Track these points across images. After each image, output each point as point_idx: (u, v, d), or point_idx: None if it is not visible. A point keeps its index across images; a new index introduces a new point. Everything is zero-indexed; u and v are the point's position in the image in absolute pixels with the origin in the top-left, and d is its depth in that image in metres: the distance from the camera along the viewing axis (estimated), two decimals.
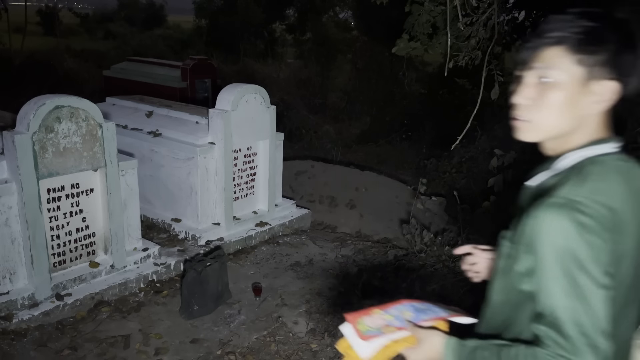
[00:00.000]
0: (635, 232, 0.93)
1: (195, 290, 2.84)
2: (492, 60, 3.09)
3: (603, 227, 0.85)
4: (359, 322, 1.10)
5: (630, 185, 0.93)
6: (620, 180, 0.92)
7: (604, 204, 0.87)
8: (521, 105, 0.98)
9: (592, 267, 0.84)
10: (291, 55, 16.28)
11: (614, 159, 0.95)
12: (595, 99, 0.93)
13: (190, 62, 8.45)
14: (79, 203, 2.89)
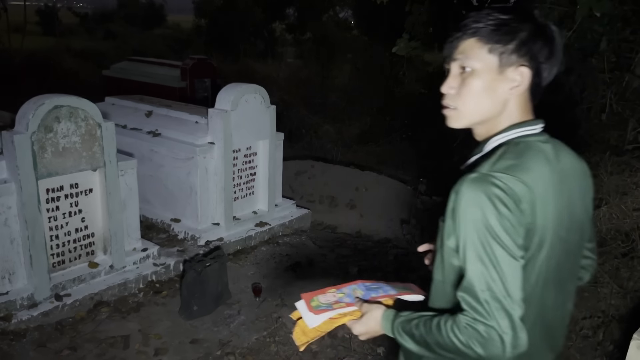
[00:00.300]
0: (556, 207, 0.99)
1: (195, 291, 2.83)
2: None
3: (515, 200, 0.92)
4: (313, 299, 1.24)
5: (551, 163, 1.00)
6: (539, 158, 0.99)
7: (519, 179, 0.93)
8: (448, 94, 1.09)
9: (503, 236, 0.91)
10: (291, 54, 16.27)
11: (534, 140, 1.02)
12: (511, 84, 1.01)
13: (190, 62, 8.45)
14: (78, 203, 2.88)
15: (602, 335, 2.62)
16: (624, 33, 4.04)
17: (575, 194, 1.07)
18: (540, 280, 1.01)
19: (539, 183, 0.96)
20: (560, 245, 1.02)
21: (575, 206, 1.07)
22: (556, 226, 1.00)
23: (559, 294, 1.07)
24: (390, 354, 2.66)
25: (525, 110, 1.05)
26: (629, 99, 4.05)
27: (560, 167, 1.03)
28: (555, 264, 1.03)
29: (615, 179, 3.28)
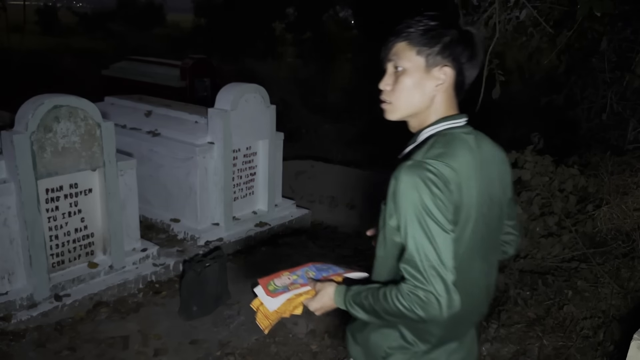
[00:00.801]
0: (478, 188, 1.15)
1: (195, 291, 2.82)
2: (493, 60, 3.07)
3: (445, 182, 1.07)
4: (269, 283, 1.34)
5: (473, 151, 1.16)
6: (463, 147, 1.15)
7: (447, 164, 1.09)
8: (384, 91, 1.23)
9: (436, 213, 1.06)
10: (291, 54, 16.27)
11: (459, 131, 1.18)
12: (436, 82, 1.16)
13: (190, 62, 8.43)
14: (78, 203, 2.87)
15: (603, 336, 2.62)
16: (624, 33, 4.04)
17: (495, 177, 1.23)
18: (467, 252, 1.16)
19: (463, 168, 1.12)
20: (483, 221, 1.19)
21: (494, 188, 1.23)
22: (479, 204, 1.17)
23: (484, 264, 1.24)
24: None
25: (451, 106, 1.20)
26: (629, 98, 4.05)
27: (481, 155, 1.19)
28: (480, 238, 1.19)
29: (615, 178, 3.28)
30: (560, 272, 2.99)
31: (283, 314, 1.33)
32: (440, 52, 1.14)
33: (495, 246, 1.29)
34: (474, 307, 1.25)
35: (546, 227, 3.11)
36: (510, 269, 3.01)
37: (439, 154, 1.10)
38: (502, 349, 2.68)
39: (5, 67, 10.87)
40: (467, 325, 1.29)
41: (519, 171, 3.17)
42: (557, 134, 5.06)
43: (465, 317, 1.21)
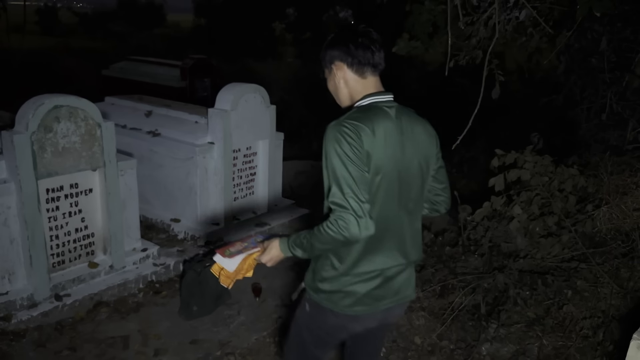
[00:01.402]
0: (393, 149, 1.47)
1: (195, 291, 2.83)
2: (492, 60, 3.07)
3: (357, 134, 1.40)
4: (225, 251, 1.66)
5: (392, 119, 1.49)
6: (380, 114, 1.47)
7: (360, 122, 1.42)
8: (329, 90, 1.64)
9: (352, 156, 1.38)
10: (291, 54, 16.27)
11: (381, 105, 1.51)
12: (340, 76, 1.56)
13: (190, 62, 8.44)
14: (78, 203, 2.88)
15: (602, 335, 2.62)
16: (624, 33, 4.04)
17: (416, 145, 1.54)
18: (383, 196, 1.47)
19: (379, 128, 1.44)
20: (398, 176, 1.49)
21: (415, 153, 1.53)
22: (394, 160, 1.47)
23: (404, 211, 1.55)
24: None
25: (367, 87, 1.54)
26: (629, 99, 4.05)
27: (401, 124, 1.51)
28: (397, 188, 1.50)
29: (615, 179, 3.28)
30: (560, 272, 2.99)
31: (239, 274, 1.64)
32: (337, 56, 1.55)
33: (417, 200, 1.59)
34: (395, 246, 1.55)
35: (546, 227, 3.11)
36: (510, 269, 3.01)
37: (355, 117, 1.45)
38: (502, 348, 2.69)
39: (5, 67, 10.88)
40: (390, 258, 1.55)
41: (519, 171, 3.17)
42: (557, 134, 5.07)
43: (386, 251, 1.53)
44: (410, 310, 2.96)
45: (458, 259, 3.34)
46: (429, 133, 1.59)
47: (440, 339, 2.77)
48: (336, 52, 1.53)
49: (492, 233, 3.25)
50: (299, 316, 1.70)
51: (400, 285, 1.60)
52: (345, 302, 1.53)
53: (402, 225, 1.55)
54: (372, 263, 1.52)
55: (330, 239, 1.39)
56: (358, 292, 1.53)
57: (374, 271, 1.52)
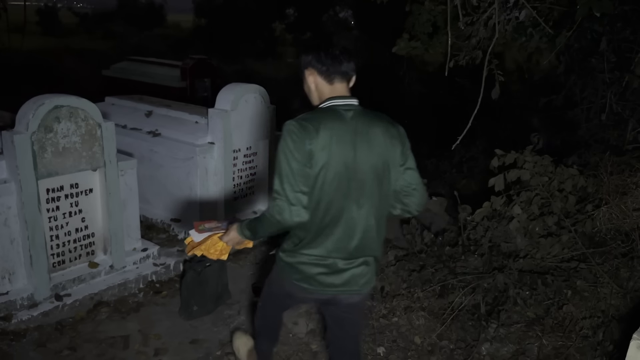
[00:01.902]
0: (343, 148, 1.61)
1: (195, 291, 2.83)
2: (492, 60, 3.07)
3: (301, 133, 1.57)
4: (200, 225, 1.93)
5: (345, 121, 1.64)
6: (333, 116, 1.64)
7: (306, 122, 1.59)
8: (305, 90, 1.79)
9: (294, 151, 1.57)
10: (291, 54, 16.27)
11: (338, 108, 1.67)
12: (311, 80, 1.73)
13: (190, 62, 8.45)
14: (78, 203, 2.88)
15: (602, 335, 2.62)
16: (624, 33, 4.04)
17: (372, 147, 1.66)
18: (326, 188, 1.62)
19: (325, 128, 1.59)
20: (348, 175, 1.63)
21: (370, 155, 1.65)
22: (341, 159, 1.61)
23: (353, 207, 1.67)
24: None
25: (333, 92, 1.70)
26: (629, 99, 4.05)
27: (356, 126, 1.64)
28: (344, 184, 1.63)
29: (615, 179, 3.28)
30: (560, 272, 2.99)
31: (208, 251, 1.89)
32: (303, 67, 1.74)
33: (372, 198, 1.69)
34: (346, 238, 1.69)
35: (545, 227, 3.11)
36: (510, 269, 3.02)
37: (304, 117, 1.62)
38: (502, 348, 2.69)
39: (6, 67, 10.88)
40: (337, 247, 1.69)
41: (519, 171, 3.17)
42: (557, 134, 5.07)
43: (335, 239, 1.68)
44: (410, 310, 2.96)
45: (458, 258, 3.34)
46: (391, 135, 1.69)
47: (440, 339, 2.77)
48: (310, 58, 1.71)
49: (492, 233, 3.25)
50: (270, 276, 1.95)
51: (351, 277, 1.73)
52: (295, 275, 1.75)
53: (351, 219, 1.68)
54: (319, 248, 1.69)
55: (268, 223, 1.65)
56: (305, 272, 1.72)
57: (320, 256, 1.70)
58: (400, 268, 3.34)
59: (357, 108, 1.68)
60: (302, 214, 1.60)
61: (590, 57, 4.28)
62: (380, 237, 1.77)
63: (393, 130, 1.71)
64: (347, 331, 1.96)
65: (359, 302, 1.86)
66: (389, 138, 1.68)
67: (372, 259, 1.76)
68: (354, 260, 1.72)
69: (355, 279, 1.74)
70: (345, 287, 1.74)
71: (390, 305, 3.02)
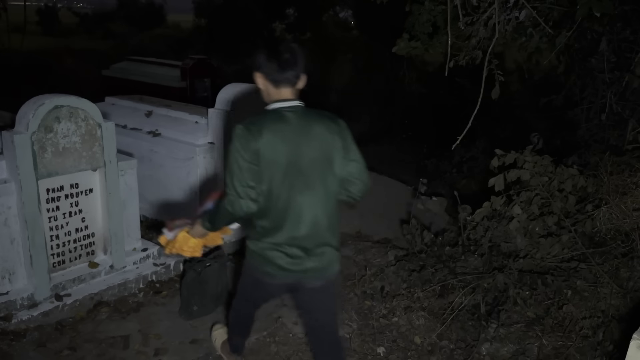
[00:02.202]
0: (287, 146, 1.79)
1: (195, 291, 2.83)
2: (492, 60, 3.07)
3: (246, 136, 1.76)
4: (172, 224, 2.13)
5: (287, 122, 1.81)
6: (275, 118, 1.82)
7: (251, 126, 1.79)
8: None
9: (241, 151, 1.76)
10: None
11: (282, 110, 1.84)
12: (260, 82, 1.90)
13: (190, 62, 8.45)
14: (78, 203, 2.88)
15: (602, 335, 2.62)
16: (624, 33, 4.04)
17: (315, 144, 1.82)
18: (274, 183, 1.79)
19: (269, 129, 1.78)
20: (294, 169, 1.80)
21: (313, 150, 1.82)
22: (286, 156, 1.78)
23: (300, 197, 1.83)
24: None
25: (277, 95, 1.86)
26: (628, 99, 4.05)
27: (299, 126, 1.81)
28: (290, 178, 1.80)
29: (614, 179, 3.28)
30: (560, 272, 2.99)
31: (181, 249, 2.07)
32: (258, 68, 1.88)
33: (318, 188, 1.84)
34: (298, 226, 1.84)
35: (545, 227, 3.12)
36: (510, 269, 3.02)
37: (251, 121, 1.81)
38: (502, 348, 2.69)
39: (6, 67, 10.88)
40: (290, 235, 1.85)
41: (519, 171, 3.18)
42: (557, 134, 5.07)
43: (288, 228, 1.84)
44: (410, 310, 2.96)
45: (458, 258, 3.34)
46: (331, 131, 1.85)
47: (440, 339, 2.77)
48: (260, 63, 1.87)
49: (492, 233, 3.25)
50: (242, 269, 2.09)
51: (309, 263, 1.88)
52: (259, 260, 1.92)
53: (299, 210, 1.83)
54: (276, 236, 1.85)
55: (222, 214, 1.86)
56: (267, 257, 1.88)
57: (278, 244, 1.86)
58: (400, 268, 3.34)
59: (300, 109, 1.85)
60: (250, 206, 1.79)
61: (590, 57, 4.28)
62: (332, 226, 1.91)
63: (334, 126, 1.86)
64: (316, 318, 2.07)
65: (322, 288, 1.97)
66: (330, 134, 1.84)
67: (328, 246, 1.90)
68: (309, 247, 1.87)
69: (313, 265, 1.89)
70: (305, 272, 1.89)
71: (390, 305, 3.02)
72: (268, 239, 1.87)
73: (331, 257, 1.92)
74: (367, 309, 3.02)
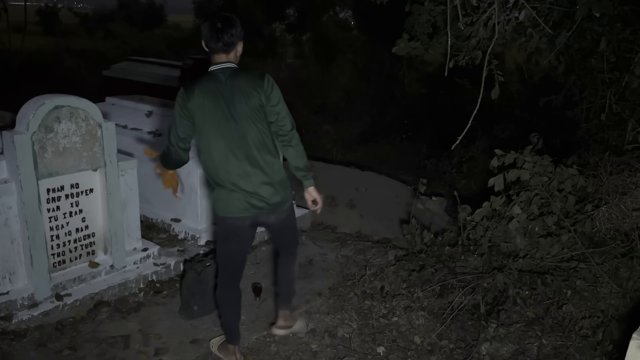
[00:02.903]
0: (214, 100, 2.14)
1: (195, 291, 2.83)
2: (492, 60, 3.08)
3: (182, 94, 2.16)
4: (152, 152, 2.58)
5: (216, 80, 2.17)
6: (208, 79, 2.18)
7: (186, 89, 2.17)
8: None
9: (177, 109, 2.17)
10: (291, 55, 16.28)
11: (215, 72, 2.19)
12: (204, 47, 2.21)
13: (190, 62, 8.44)
14: (79, 203, 2.88)
15: (602, 335, 2.63)
16: (624, 33, 4.05)
17: (242, 96, 2.14)
18: (208, 134, 2.16)
19: (201, 88, 2.15)
20: (224, 121, 2.14)
21: (241, 102, 2.14)
22: (218, 109, 2.14)
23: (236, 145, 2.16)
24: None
25: (214, 60, 2.20)
26: (628, 99, 4.05)
27: (228, 83, 2.15)
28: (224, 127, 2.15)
29: (614, 179, 3.28)
30: (559, 272, 3.00)
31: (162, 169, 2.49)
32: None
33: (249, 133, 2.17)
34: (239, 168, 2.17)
35: (545, 227, 3.12)
36: (510, 269, 3.02)
37: (186, 85, 2.17)
38: (501, 348, 2.69)
39: (6, 67, 10.89)
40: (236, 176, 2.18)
41: (518, 171, 3.18)
42: (556, 134, 5.08)
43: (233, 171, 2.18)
44: (410, 310, 2.97)
45: (457, 258, 3.35)
46: (254, 85, 2.15)
47: (440, 339, 2.78)
48: (201, 34, 2.20)
49: (492, 233, 3.25)
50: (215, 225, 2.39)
51: (260, 199, 2.22)
52: (220, 205, 2.24)
53: (235, 154, 2.16)
54: (224, 181, 2.19)
55: (164, 157, 2.33)
56: (225, 200, 2.22)
57: (228, 188, 2.19)
58: (400, 268, 3.34)
59: (229, 70, 2.17)
60: (180, 153, 2.25)
61: (589, 57, 4.28)
62: (269, 164, 2.21)
63: (258, 81, 2.17)
64: (279, 239, 2.53)
65: (284, 217, 2.35)
66: (255, 87, 2.15)
67: (270, 183, 2.22)
68: (254, 184, 2.20)
69: (266, 200, 2.22)
70: (259, 209, 2.24)
71: (390, 305, 3.02)
72: (220, 185, 2.21)
73: (279, 190, 2.25)
74: (367, 309, 3.02)
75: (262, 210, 2.24)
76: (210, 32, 2.14)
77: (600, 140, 4.30)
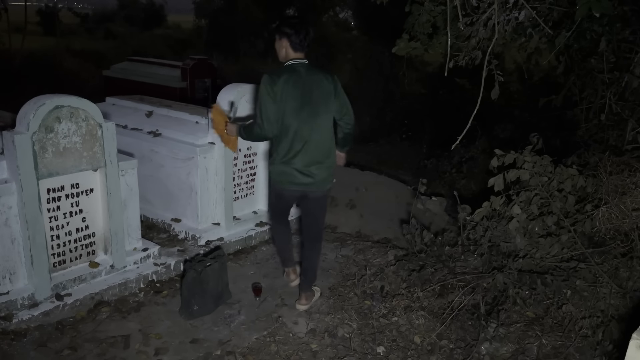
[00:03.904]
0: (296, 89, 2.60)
1: (195, 291, 2.84)
2: (492, 60, 3.08)
3: (271, 82, 2.58)
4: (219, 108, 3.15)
5: (298, 74, 2.63)
6: (290, 71, 2.63)
7: (274, 75, 2.60)
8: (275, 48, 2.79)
9: (265, 93, 2.59)
10: None
11: (295, 65, 2.66)
12: (283, 45, 2.69)
13: (190, 62, 8.46)
14: (79, 203, 2.89)
15: (602, 335, 2.63)
16: (624, 33, 4.05)
17: (315, 87, 2.64)
18: (287, 116, 2.61)
19: (283, 77, 2.58)
20: (301, 106, 2.61)
21: (314, 91, 2.64)
22: (296, 97, 2.60)
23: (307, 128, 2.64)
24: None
25: (294, 56, 2.68)
26: (628, 99, 4.06)
27: (306, 76, 2.64)
28: (299, 113, 2.61)
29: (614, 179, 3.28)
30: (559, 272, 3.00)
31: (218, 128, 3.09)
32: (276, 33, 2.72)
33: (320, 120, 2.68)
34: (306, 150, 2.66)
35: (545, 227, 3.12)
36: (509, 269, 3.02)
37: (273, 72, 2.60)
38: (501, 348, 2.69)
39: (6, 67, 10.89)
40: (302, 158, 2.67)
41: (518, 171, 3.18)
42: (556, 134, 5.08)
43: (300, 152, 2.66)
44: (410, 309, 2.97)
45: (457, 258, 3.35)
46: (328, 80, 2.69)
47: (440, 339, 2.78)
48: (287, 32, 2.64)
49: (492, 233, 3.26)
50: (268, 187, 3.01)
51: (312, 177, 2.70)
52: (277, 177, 2.76)
53: (305, 136, 2.64)
54: (286, 158, 2.67)
55: (249, 132, 2.74)
56: (283, 174, 2.72)
57: (288, 164, 2.68)
58: (400, 268, 3.34)
59: (306, 65, 2.67)
60: (268, 134, 2.65)
61: (589, 57, 4.28)
62: (328, 146, 2.74)
63: (329, 77, 2.71)
64: (311, 218, 2.94)
65: (321, 197, 2.84)
66: (327, 82, 2.68)
67: (324, 164, 2.72)
68: (312, 164, 2.69)
69: (316, 178, 2.71)
70: (310, 185, 2.72)
71: (390, 305, 3.03)
72: (283, 160, 2.68)
73: (329, 171, 2.76)
74: (367, 309, 3.02)
75: (310, 186, 2.73)
76: (299, 33, 2.62)
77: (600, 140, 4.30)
